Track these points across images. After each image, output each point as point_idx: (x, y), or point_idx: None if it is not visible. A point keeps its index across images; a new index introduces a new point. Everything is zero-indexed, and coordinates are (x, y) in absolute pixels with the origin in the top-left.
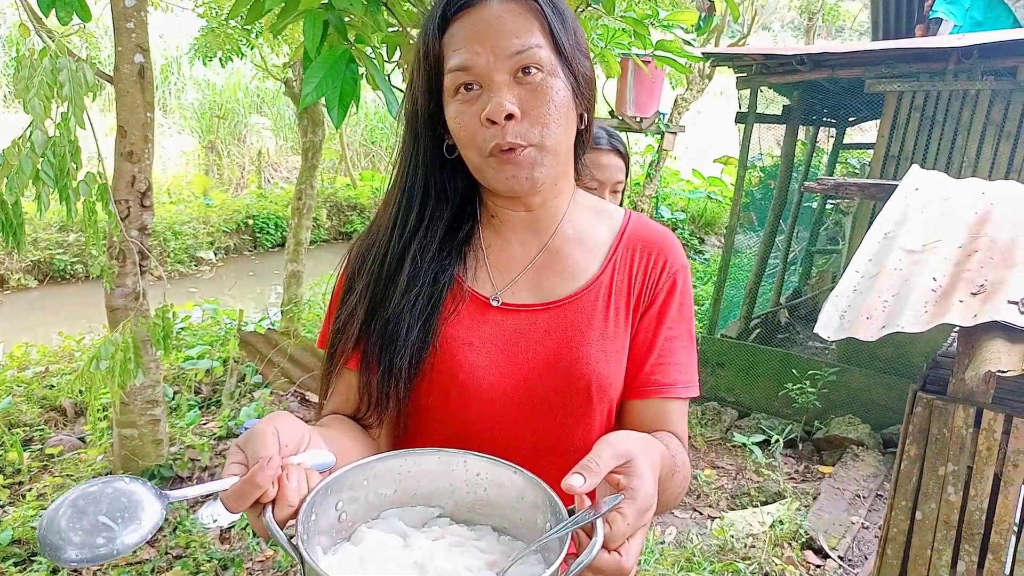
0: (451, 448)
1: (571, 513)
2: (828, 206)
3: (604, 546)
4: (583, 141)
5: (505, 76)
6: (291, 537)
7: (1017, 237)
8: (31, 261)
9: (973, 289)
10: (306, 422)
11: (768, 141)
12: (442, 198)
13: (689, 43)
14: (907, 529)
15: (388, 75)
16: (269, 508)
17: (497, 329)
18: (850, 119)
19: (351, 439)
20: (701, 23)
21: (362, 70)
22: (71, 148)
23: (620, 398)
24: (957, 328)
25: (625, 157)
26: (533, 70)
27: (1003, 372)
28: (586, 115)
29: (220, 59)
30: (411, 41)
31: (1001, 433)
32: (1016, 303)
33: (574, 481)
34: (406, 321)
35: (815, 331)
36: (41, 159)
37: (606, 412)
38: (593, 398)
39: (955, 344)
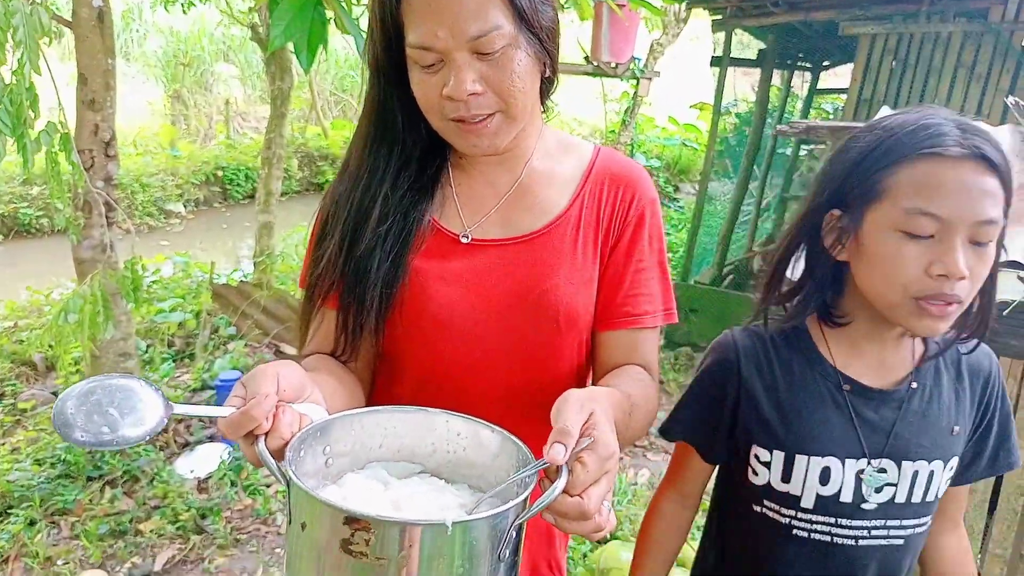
0: (432, 403)
1: None
2: (802, 152)
3: (567, 491)
4: (549, 86)
5: (465, 55)
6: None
7: None
8: None
9: None
10: None
11: (744, 87)
12: (411, 139)
13: None
14: None
15: (357, 19)
16: (262, 439)
17: (467, 264)
18: (824, 63)
19: (336, 380)
20: None
21: (330, 13)
22: (28, 96)
23: (593, 329)
24: None
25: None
26: (493, 47)
27: None
28: (550, 64)
29: (183, 4)
30: None
31: None
32: None
33: (556, 452)
34: (377, 256)
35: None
36: None
37: (577, 342)
38: (562, 328)
39: None
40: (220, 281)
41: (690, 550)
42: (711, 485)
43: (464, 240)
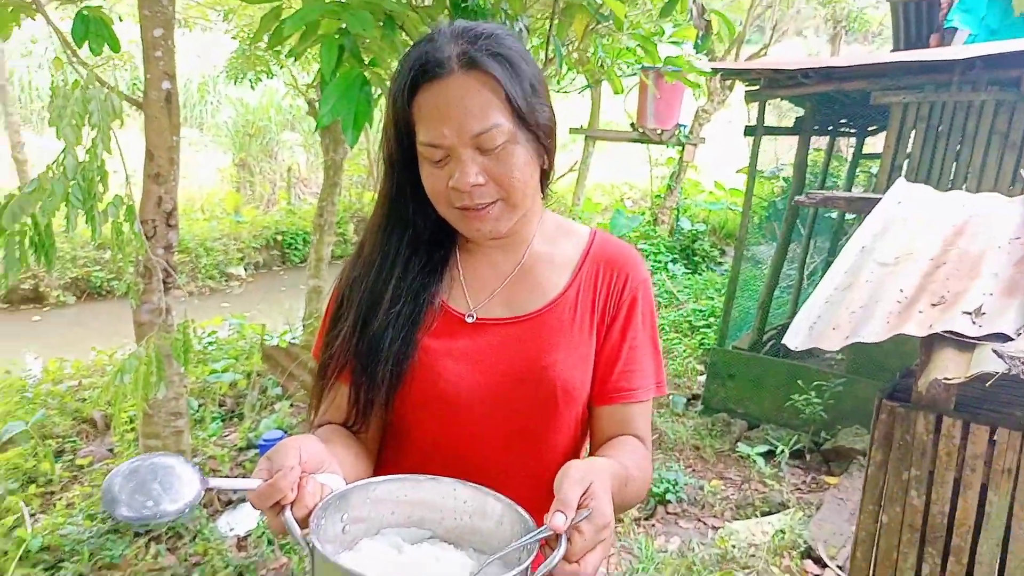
0: (439, 473)
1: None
2: (848, 216)
3: (566, 559)
4: (547, 177)
5: (470, 151)
6: (304, 534)
7: (987, 249)
8: (69, 278)
9: (934, 300)
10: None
11: (791, 152)
12: (421, 224)
13: (697, 57)
14: (874, 532)
15: None
16: (288, 508)
17: (472, 342)
18: (869, 128)
19: (348, 450)
20: (699, 41)
21: (377, 91)
22: (99, 172)
23: (589, 404)
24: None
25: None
26: (494, 144)
27: (948, 379)
28: (547, 156)
29: (251, 80)
30: None
31: (960, 439)
32: (970, 313)
33: (557, 520)
34: (389, 335)
35: (782, 342)
36: (72, 183)
37: (574, 416)
38: (559, 403)
39: None
40: (271, 342)
41: None
42: None
43: (470, 320)
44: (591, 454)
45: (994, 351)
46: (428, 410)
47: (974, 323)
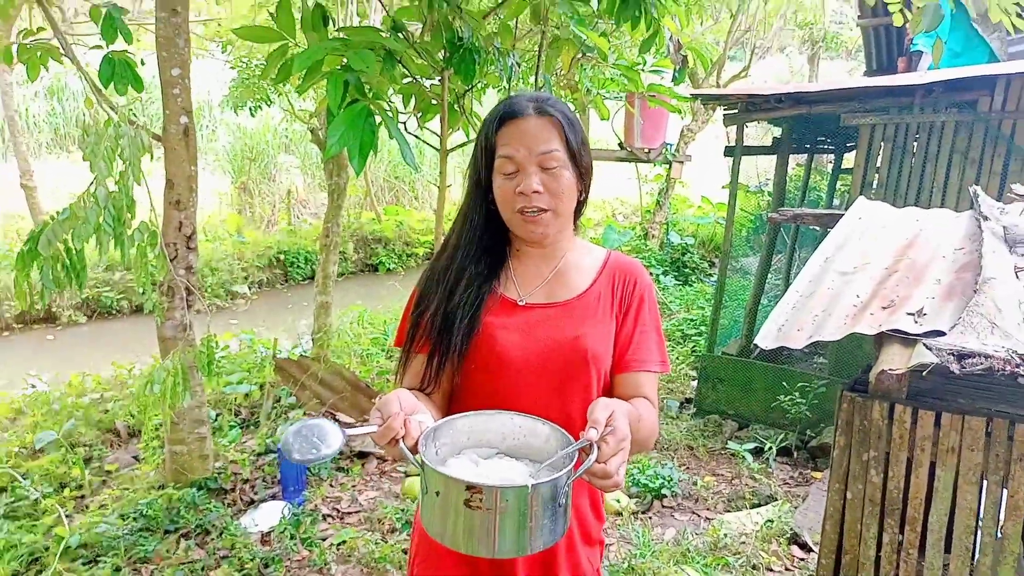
0: (501, 409)
1: None
2: (829, 229)
3: (597, 460)
4: (580, 207)
5: (535, 167)
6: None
7: (933, 259)
8: (80, 299)
9: (885, 304)
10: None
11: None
12: (487, 234)
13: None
14: (841, 507)
15: (405, 123)
16: (401, 440)
17: (523, 319)
18: (848, 144)
19: (425, 402)
20: (676, 74)
21: (379, 120)
22: (128, 201)
23: (610, 374)
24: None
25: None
26: (552, 164)
27: (893, 371)
28: (584, 191)
29: (251, 108)
30: (424, 90)
31: (910, 423)
32: (913, 314)
33: (591, 433)
34: (459, 315)
35: (754, 342)
36: (103, 212)
37: (597, 376)
38: (589, 365)
39: None
40: (282, 356)
41: None
42: None
43: (521, 303)
44: None
45: (925, 345)
46: (489, 370)
47: (916, 322)
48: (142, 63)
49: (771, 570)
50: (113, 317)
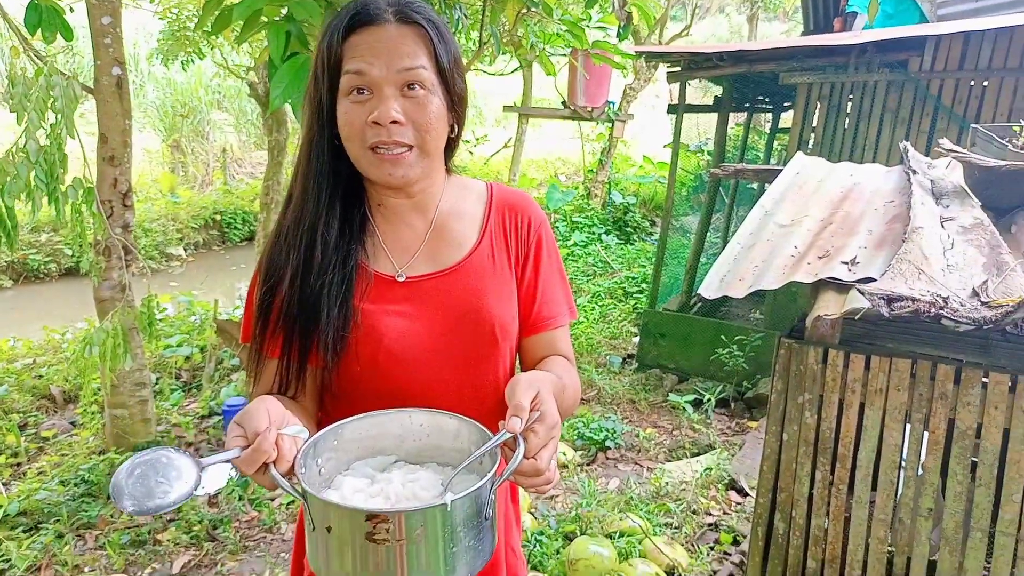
0: (395, 408)
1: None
2: (767, 187)
3: (524, 456)
4: (453, 144)
5: (393, 89)
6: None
7: (866, 211)
8: (5, 262)
9: (820, 254)
10: None
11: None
12: (336, 182)
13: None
14: (777, 448)
15: None
16: (272, 466)
17: (407, 299)
18: (785, 104)
19: (294, 408)
20: (620, 30)
21: None
22: (60, 156)
23: (518, 336)
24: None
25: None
26: (416, 87)
27: (828, 315)
28: (456, 125)
29: (183, 62)
30: None
31: (842, 367)
32: (847, 263)
33: (514, 423)
34: (325, 304)
35: (698, 292)
36: (35, 167)
37: (508, 349)
38: (498, 338)
39: None
40: (223, 318)
41: None
42: None
43: (400, 279)
44: None
45: (858, 290)
46: (378, 368)
47: (850, 271)
48: (71, 10)
49: (710, 514)
50: (40, 280)
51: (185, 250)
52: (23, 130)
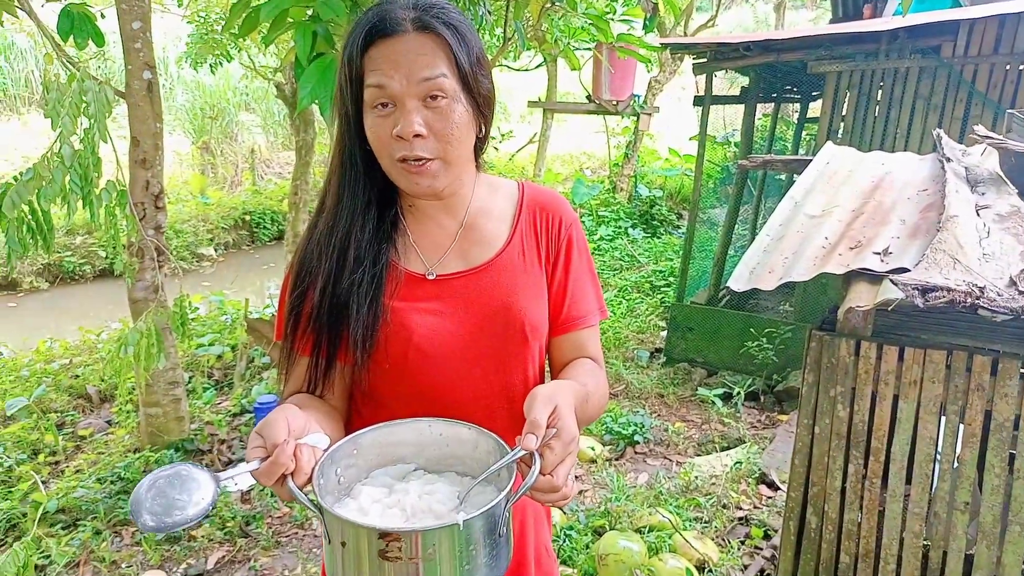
0: (418, 416)
1: None
2: (795, 177)
3: (540, 472)
4: (482, 143)
5: (415, 101)
6: (309, 496)
7: (898, 200)
8: (42, 264)
9: (852, 244)
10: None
11: (741, 117)
12: (370, 187)
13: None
14: (809, 441)
15: None
16: (290, 478)
17: (437, 296)
18: (813, 93)
19: (321, 413)
20: (647, 22)
21: None
22: (93, 160)
23: (548, 336)
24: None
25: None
26: (439, 96)
27: (860, 307)
28: (484, 126)
29: (211, 65)
30: None
31: (875, 359)
32: (879, 253)
33: (529, 441)
34: (355, 301)
35: (726, 284)
36: (69, 171)
37: (538, 348)
38: (528, 337)
39: None
40: (254, 316)
41: None
42: None
43: (430, 277)
44: (553, 378)
45: (891, 280)
46: (407, 365)
47: (882, 261)
48: (102, 16)
49: (740, 508)
50: (75, 282)
51: (216, 250)
52: (57, 135)
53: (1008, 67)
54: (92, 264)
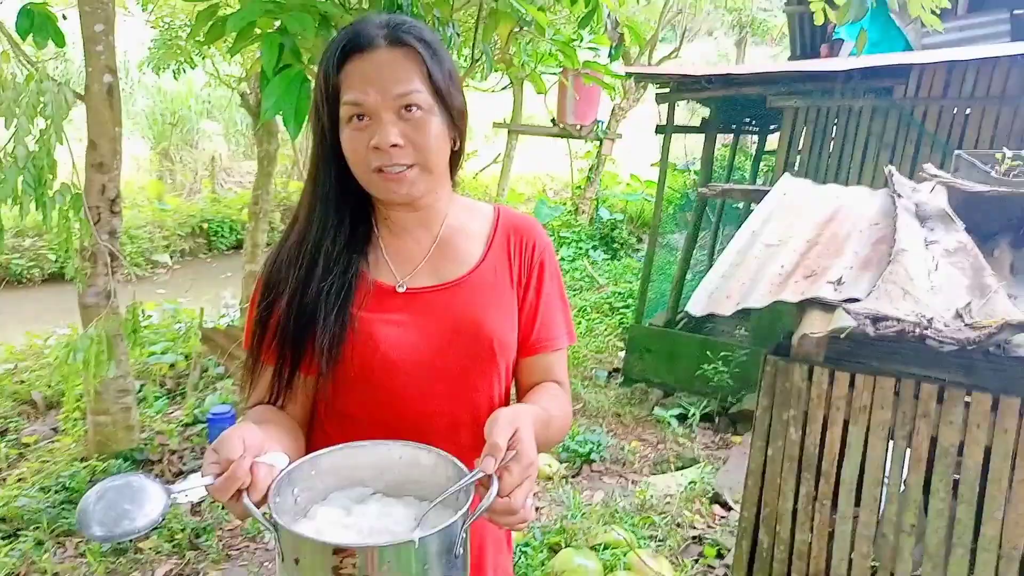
0: (381, 432)
1: None
2: (753, 206)
3: (498, 494)
4: (457, 159)
5: (391, 114)
6: (265, 514)
7: (852, 232)
8: None
9: (807, 273)
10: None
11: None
12: (344, 201)
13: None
14: (762, 463)
15: None
16: (245, 495)
17: (406, 309)
18: (771, 127)
19: (280, 428)
20: (612, 51)
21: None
22: (49, 161)
23: (516, 357)
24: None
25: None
26: (414, 108)
27: (814, 334)
28: (458, 139)
29: (174, 71)
30: None
31: (827, 384)
32: (833, 283)
33: (487, 464)
34: (322, 310)
35: (685, 308)
36: (23, 172)
37: (505, 367)
38: (496, 353)
39: None
40: (208, 326)
41: None
42: None
43: (400, 290)
44: (519, 400)
45: (844, 309)
46: (372, 376)
47: (836, 290)
48: (64, 17)
49: (694, 527)
50: (23, 286)
51: (171, 258)
52: (11, 135)
53: (955, 110)
54: (41, 267)
